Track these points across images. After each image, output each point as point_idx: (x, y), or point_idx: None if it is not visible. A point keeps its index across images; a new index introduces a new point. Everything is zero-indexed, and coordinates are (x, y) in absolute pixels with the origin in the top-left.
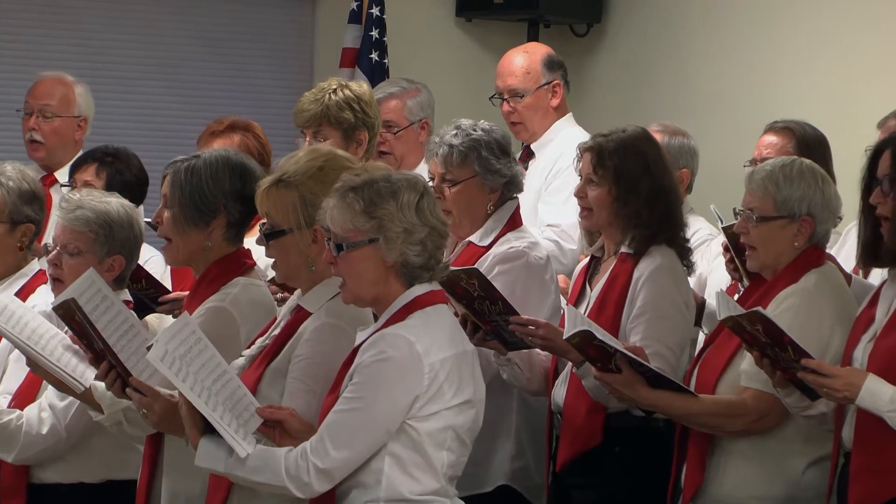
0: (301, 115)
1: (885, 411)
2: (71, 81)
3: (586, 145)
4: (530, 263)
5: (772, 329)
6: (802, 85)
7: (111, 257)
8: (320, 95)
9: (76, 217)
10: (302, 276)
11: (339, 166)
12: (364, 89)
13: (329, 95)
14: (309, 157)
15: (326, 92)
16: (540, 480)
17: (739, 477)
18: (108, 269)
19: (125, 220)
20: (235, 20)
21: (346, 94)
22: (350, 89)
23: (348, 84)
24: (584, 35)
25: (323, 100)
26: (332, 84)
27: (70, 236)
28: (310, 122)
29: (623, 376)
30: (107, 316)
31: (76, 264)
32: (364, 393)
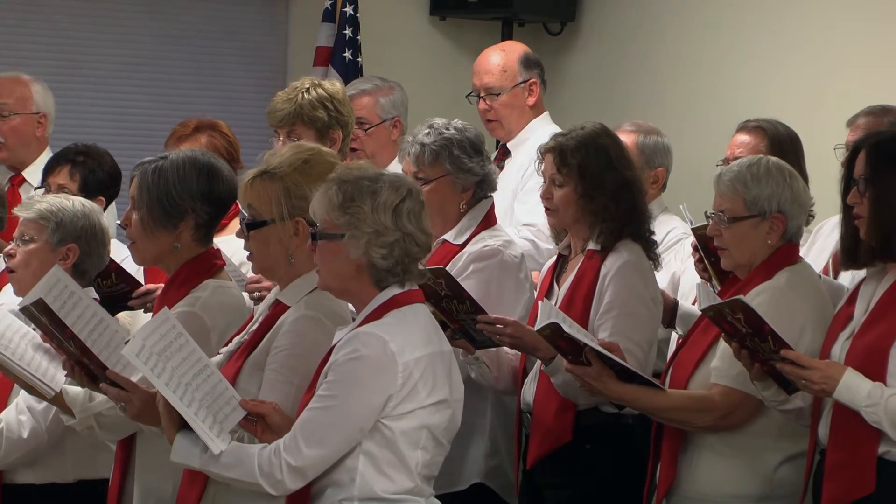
0: (274, 114)
1: (863, 406)
2: (27, 80)
3: (547, 146)
4: (505, 262)
5: (752, 318)
6: (774, 83)
7: (65, 246)
8: (293, 95)
9: (30, 208)
10: (280, 268)
11: (324, 161)
12: (337, 88)
13: (302, 94)
14: (294, 150)
15: (299, 91)
16: (514, 479)
17: (712, 474)
18: (62, 258)
19: (79, 212)
20: (209, 19)
21: (320, 93)
22: (323, 88)
23: (321, 83)
24: (558, 34)
25: (296, 99)
26: (304, 83)
27: (23, 227)
28: (283, 122)
29: (593, 369)
30: (76, 311)
31: (28, 252)
32: (337, 391)
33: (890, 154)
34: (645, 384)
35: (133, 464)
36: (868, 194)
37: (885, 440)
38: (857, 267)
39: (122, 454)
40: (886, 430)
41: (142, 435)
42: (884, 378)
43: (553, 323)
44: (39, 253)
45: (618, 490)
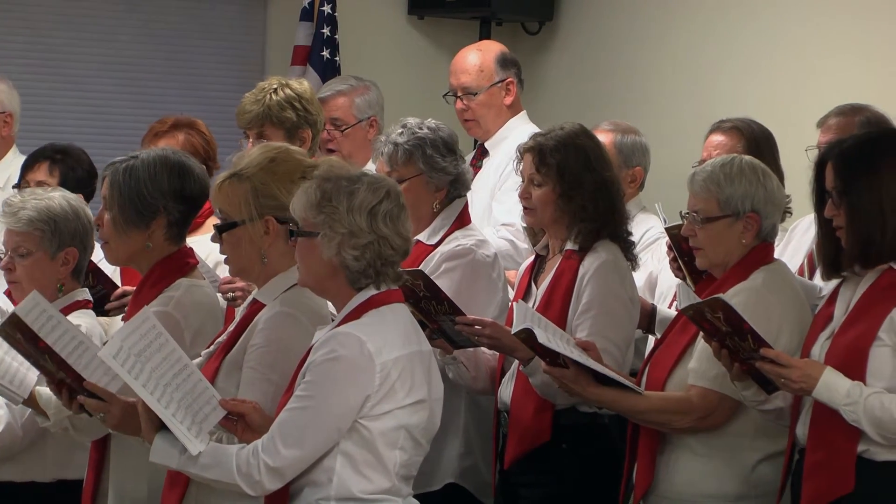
0: (243, 116)
1: (842, 405)
2: None
3: (526, 146)
4: (477, 261)
5: (732, 317)
6: (751, 82)
7: (63, 251)
8: (261, 96)
9: (19, 218)
10: (255, 268)
11: (292, 159)
12: (305, 87)
13: (270, 95)
14: (261, 150)
15: (267, 92)
16: (489, 478)
17: (689, 474)
18: (62, 263)
19: (69, 212)
20: (186, 17)
21: (287, 93)
22: (291, 88)
23: (289, 83)
24: (536, 33)
25: (264, 100)
26: (272, 83)
27: (18, 239)
28: (252, 123)
29: (570, 372)
30: (55, 333)
31: (29, 265)
32: (315, 391)
33: (855, 162)
34: (622, 387)
35: (107, 464)
36: (843, 206)
37: (864, 439)
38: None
39: (97, 455)
40: (865, 429)
41: (116, 436)
42: (863, 377)
43: (527, 329)
44: (40, 264)
45: (594, 490)
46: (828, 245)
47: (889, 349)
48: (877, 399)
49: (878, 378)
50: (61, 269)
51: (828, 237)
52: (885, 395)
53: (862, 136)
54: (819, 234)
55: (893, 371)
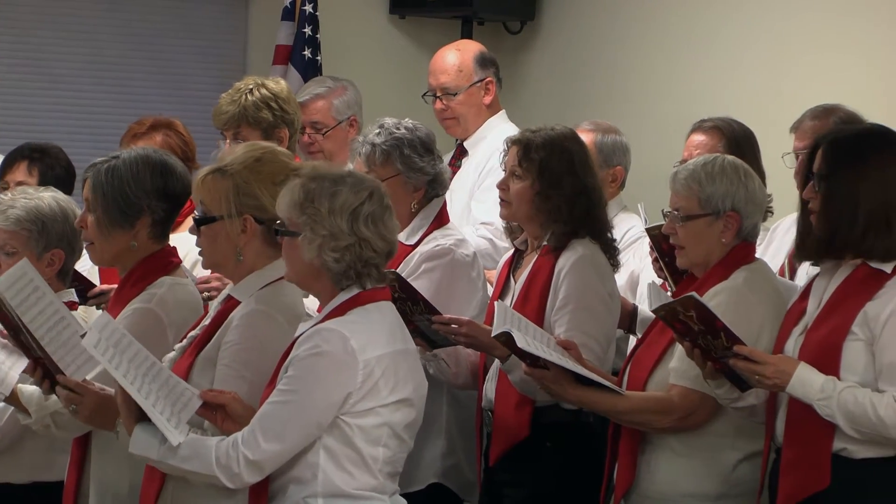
0: (220, 117)
1: (816, 399)
2: None
3: (514, 139)
4: (456, 260)
5: (705, 314)
6: (732, 82)
7: (49, 252)
8: (237, 96)
9: (7, 217)
10: (229, 264)
11: (277, 160)
12: (282, 86)
13: (245, 96)
14: (248, 149)
15: (243, 93)
16: (472, 478)
17: (670, 473)
18: (48, 265)
19: (58, 213)
20: (168, 17)
21: (263, 94)
22: (266, 88)
23: (264, 82)
24: (518, 32)
25: (240, 100)
26: (248, 84)
27: (5, 237)
28: (228, 124)
29: (551, 373)
30: (37, 307)
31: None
32: (297, 386)
33: (845, 151)
34: (603, 388)
35: (89, 462)
36: (821, 190)
37: (840, 436)
38: (807, 259)
39: (78, 452)
40: (839, 424)
41: (98, 433)
42: (837, 372)
43: (507, 332)
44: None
45: (577, 488)
46: (804, 227)
47: (862, 343)
48: (850, 393)
49: (851, 372)
50: (47, 270)
51: (806, 218)
52: (858, 389)
53: (857, 128)
54: (799, 216)
55: (867, 365)
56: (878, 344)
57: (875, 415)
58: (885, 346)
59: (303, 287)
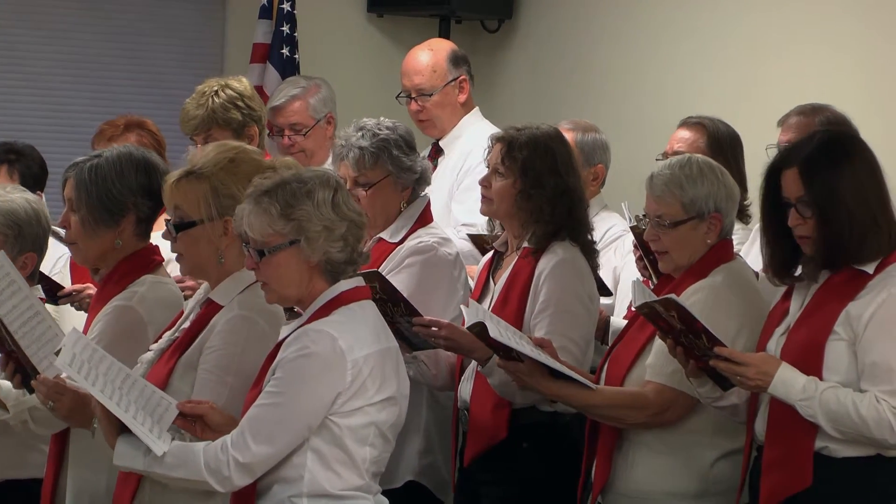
0: (188, 123)
1: (797, 400)
2: None
3: (498, 136)
4: (439, 258)
5: (685, 315)
6: (710, 80)
7: (23, 255)
8: (203, 100)
9: None
10: (211, 268)
11: (250, 159)
12: (244, 84)
13: (212, 98)
14: (219, 149)
15: (208, 96)
16: (448, 477)
17: (648, 471)
18: (21, 268)
19: (32, 216)
20: (145, 15)
21: (229, 94)
22: (231, 87)
23: (228, 83)
24: (496, 31)
25: (207, 104)
26: (212, 86)
27: None
28: (199, 129)
29: (525, 366)
30: (11, 301)
31: None
32: (286, 388)
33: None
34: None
35: (67, 459)
36: (814, 215)
37: (822, 435)
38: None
39: (56, 449)
40: (821, 424)
41: (76, 430)
42: (819, 372)
43: (481, 323)
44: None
45: (554, 488)
46: (779, 251)
47: (845, 343)
48: (832, 393)
49: (833, 372)
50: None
51: (779, 245)
52: (840, 389)
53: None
54: (767, 240)
55: (849, 365)
56: (861, 344)
57: (857, 415)
58: (868, 346)
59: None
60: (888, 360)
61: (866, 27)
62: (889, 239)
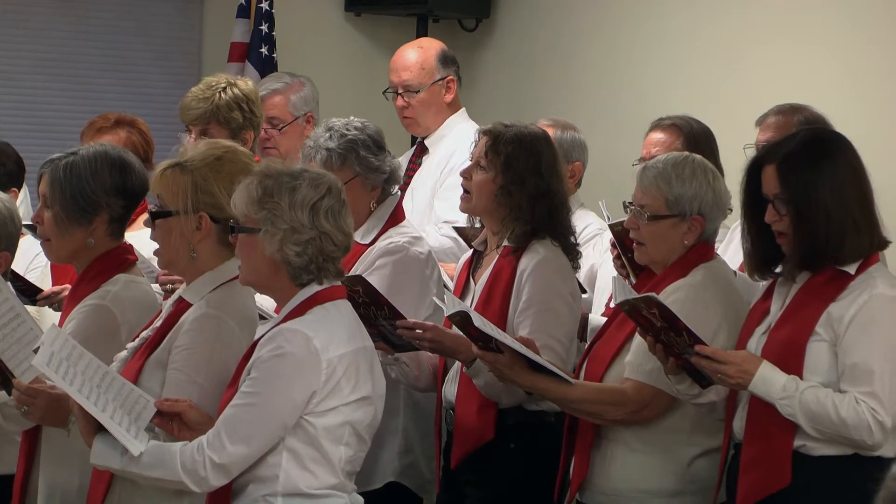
0: (189, 112)
1: (777, 398)
2: None
3: (485, 129)
4: (410, 257)
5: (666, 313)
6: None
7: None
8: (210, 94)
9: None
10: (182, 262)
11: (238, 160)
12: (251, 88)
13: (219, 94)
14: (210, 146)
15: (216, 90)
16: (429, 476)
17: (626, 469)
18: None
19: (6, 215)
20: (122, 14)
21: (236, 93)
22: (238, 88)
23: (236, 82)
24: (473, 30)
25: (213, 98)
26: (220, 82)
27: None
28: (198, 121)
29: (505, 357)
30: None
31: None
32: (261, 388)
33: (799, 168)
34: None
35: (38, 456)
36: (789, 212)
37: (801, 434)
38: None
39: (28, 446)
40: (801, 423)
41: (48, 427)
42: (800, 372)
43: (462, 311)
44: None
45: (540, 489)
46: (759, 248)
47: (826, 344)
48: (812, 393)
49: (814, 373)
50: None
51: (759, 240)
52: (820, 389)
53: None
54: (747, 237)
55: (830, 366)
56: (842, 345)
57: (836, 415)
58: (849, 347)
59: (258, 287)
60: (868, 361)
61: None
62: (871, 240)
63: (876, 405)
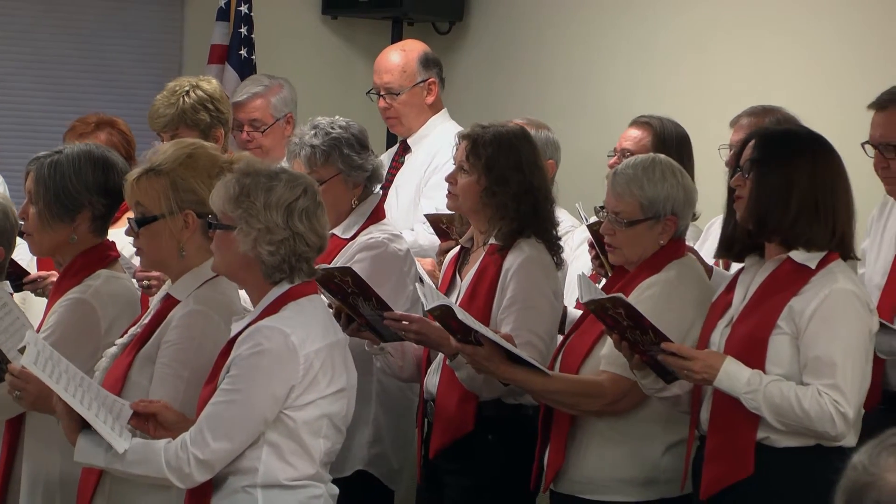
0: (157, 120)
1: (742, 393)
2: None
3: (464, 133)
4: (389, 253)
5: (632, 313)
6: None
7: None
8: (174, 99)
9: None
10: (172, 262)
11: (207, 154)
12: (214, 86)
13: (183, 98)
14: (176, 146)
15: (179, 95)
16: (397, 466)
17: (600, 459)
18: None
19: (1, 211)
20: (105, 16)
21: (200, 95)
22: (202, 89)
23: (199, 83)
24: (447, 32)
25: (178, 103)
26: (183, 85)
27: None
28: (167, 127)
29: (484, 350)
30: None
31: None
32: (241, 385)
33: (777, 142)
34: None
35: (21, 445)
36: (751, 176)
37: (764, 425)
38: (732, 256)
39: (10, 436)
40: (765, 416)
41: (31, 416)
42: (762, 365)
43: (444, 304)
44: None
45: (517, 478)
46: (729, 224)
47: (787, 337)
48: (776, 387)
49: (776, 365)
50: None
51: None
52: (783, 382)
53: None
54: (725, 214)
55: (791, 359)
56: (804, 338)
57: (800, 408)
58: (811, 340)
59: (232, 279)
60: (830, 354)
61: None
62: (832, 235)
63: (838, 397)
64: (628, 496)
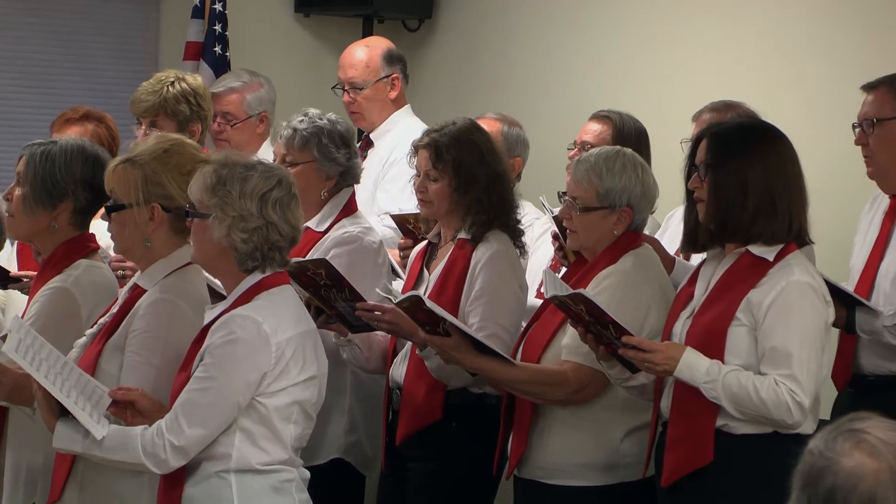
0: (139, 104)
1: (702, 383)
2: None
3: (421, 143)
4: (364, 247)
5: (593, 309)
6: (625, 78)
7: None
8: (158, 87)
9: None
10: (138, 250)
11: (185, 152)
12: (199, 83)
13: (167, 88)
14: (157, 140)
15: (165, 84)
16: (372, 454)
17: (562, 444)
18: None
19: None
20: (82, 14)
21: (184, 87)
22: (187, 82)
23: (185, 77)
24: (416, 30)
25: (161, 91)
26: (169, 76)
27: None
28: (147, 113)
29: (452, 340)
30: None
31: None
32: (215, 372)
33: (730, 141)
34: (499, 358)
35: (5, 436)
36: (708, 179)
37: (723, 413)
38: (696, 251)
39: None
40: (724, 405)
41: (14, 408)
42: (721, 355)
43: (414, 295)
44: None
45: (479, 464)
46: (691, 220)
47: (745, 329)
48: (734, 377)
49: (735, 356)
50: None
51: (692, 212)
52: (741, 372)
53: (740, 121)
54: (685, 210)
55: (749, 349)
56: (761, 329)
57: (757, 397)
58: (768, 331)
59: (208, 268)
60: (787, 345)
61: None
62: (789, 229)
63: (794, 386)
64: (590, 481)
